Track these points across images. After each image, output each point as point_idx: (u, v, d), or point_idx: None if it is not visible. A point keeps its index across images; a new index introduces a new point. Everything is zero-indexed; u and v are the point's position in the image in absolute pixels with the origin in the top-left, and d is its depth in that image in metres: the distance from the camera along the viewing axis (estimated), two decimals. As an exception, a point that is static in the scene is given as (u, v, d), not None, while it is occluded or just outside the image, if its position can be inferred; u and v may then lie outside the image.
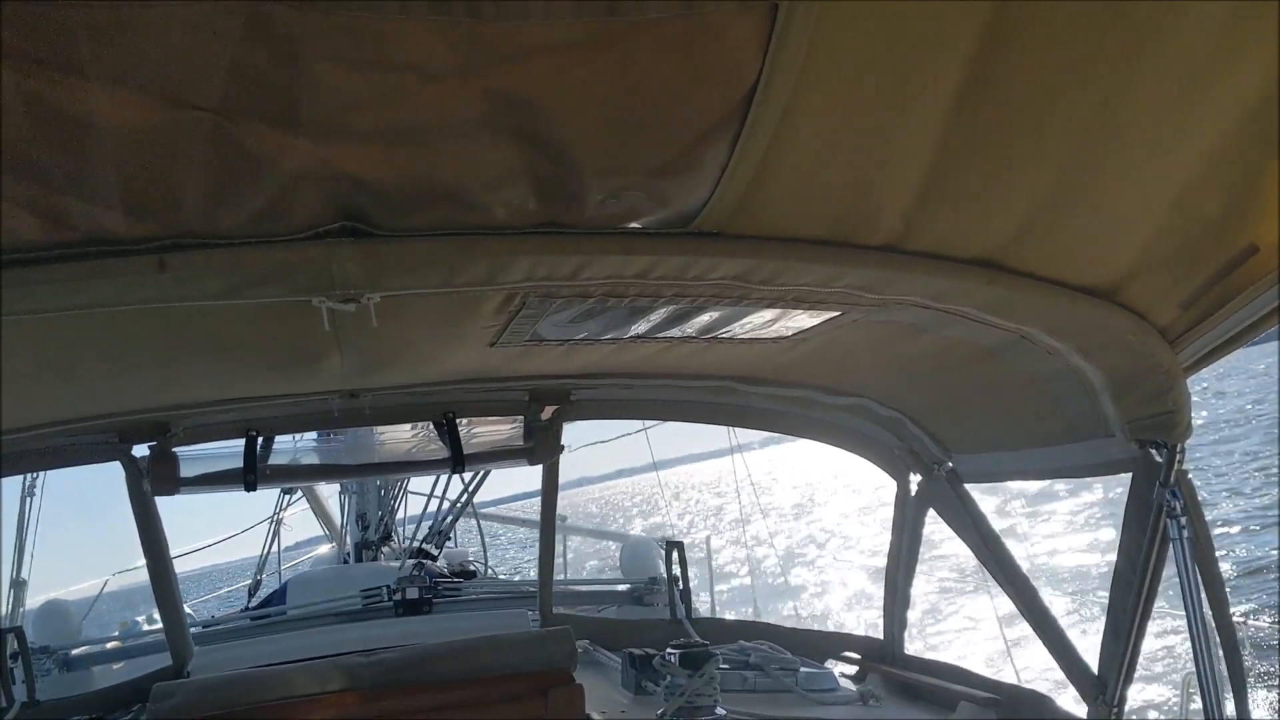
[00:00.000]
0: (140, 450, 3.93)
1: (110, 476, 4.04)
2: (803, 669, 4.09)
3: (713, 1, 1.46)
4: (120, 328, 2.38)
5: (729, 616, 7.59)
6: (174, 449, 3.88)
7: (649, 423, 8.33)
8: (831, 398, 3.95)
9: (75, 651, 5.59)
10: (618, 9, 1.45)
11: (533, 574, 5.37)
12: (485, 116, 1.67)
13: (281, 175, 1.73)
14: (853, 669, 4.38)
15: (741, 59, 1.60)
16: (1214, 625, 2.65)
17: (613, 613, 5.85)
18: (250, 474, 3.98)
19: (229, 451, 4.10)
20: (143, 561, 4.18)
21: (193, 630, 4.99)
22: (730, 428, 6.10)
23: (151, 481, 3.89)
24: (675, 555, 4.91)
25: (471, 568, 7.46)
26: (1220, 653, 2.65)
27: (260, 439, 4.01)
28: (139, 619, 7.11)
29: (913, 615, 4.33)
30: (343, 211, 1.87)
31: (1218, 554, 2.77)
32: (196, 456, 4.08)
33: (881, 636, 4.36)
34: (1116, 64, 1.71)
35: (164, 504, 4.05)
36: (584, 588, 6.98)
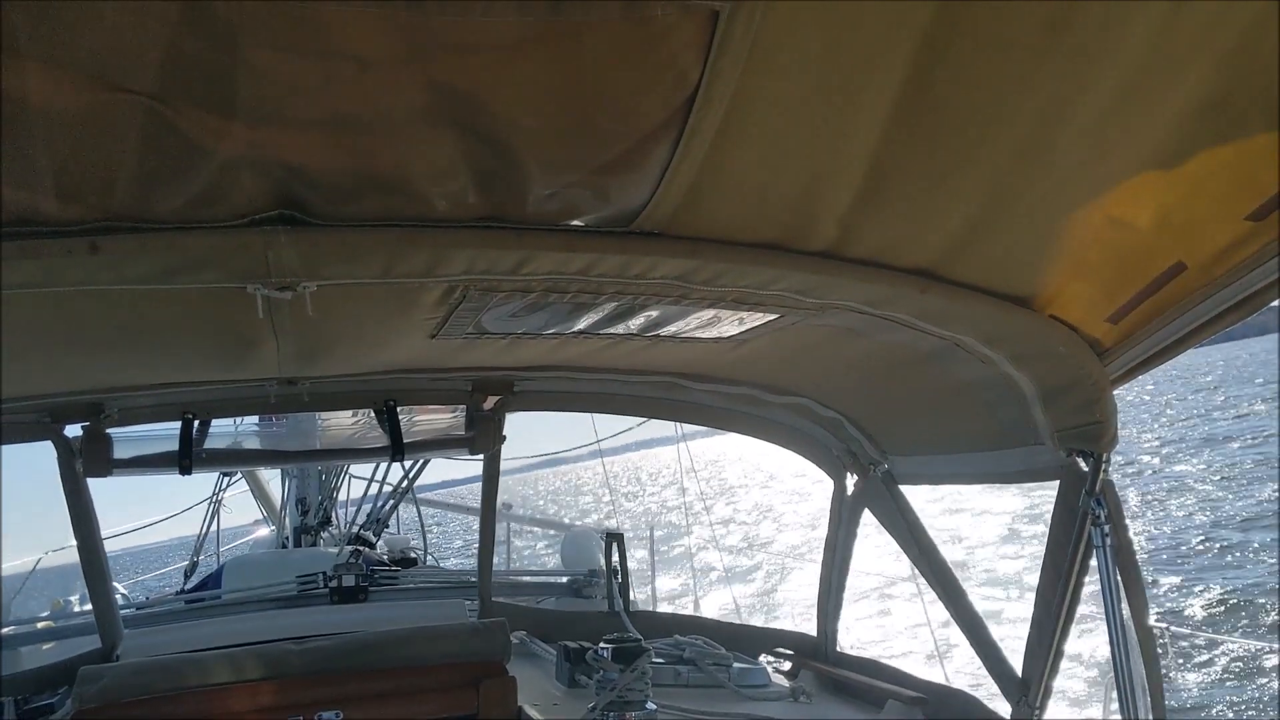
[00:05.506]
0: (74, 430, 3.86)
1: (50, 452, 3.96)
2: (736, 664, 4.12)
3: (655, 3, 1.47)
4: (53, 309, 2.34)
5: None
6: (108, 430, 3.82)
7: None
8: (774, 396, 3.98)
9: (2, 631, 5.48)
10: (561, 9, 1.45)
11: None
12: (427, 108, 1.66)
13: (217, 161, 1.71)
14: (786, 665, 4.42)
15: (684, 62, 1.61)
16: (1133, 630, 2.73)
17: (551, 604, 5.85)
18: (186, 458, 3.93)
19: (165, 433, 4.05)
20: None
21: (125, 612, 4.92)
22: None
23: (84, 463, 3.83)
24: (615, 548, 4.92)
25: (412, 555, 7.42)
26: (1139, 657, 2.73)
27: (196, 422, 3.96)
28: (73, 598, 6.97)
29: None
30: (280, 199, 1.85)
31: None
32: (131, 438, 4.02)
33: (815, 634, 4.41)
34: (1054, 80, 1.74)
35: (112, 481, 3.99)
36: (524, 579, 6.97)
